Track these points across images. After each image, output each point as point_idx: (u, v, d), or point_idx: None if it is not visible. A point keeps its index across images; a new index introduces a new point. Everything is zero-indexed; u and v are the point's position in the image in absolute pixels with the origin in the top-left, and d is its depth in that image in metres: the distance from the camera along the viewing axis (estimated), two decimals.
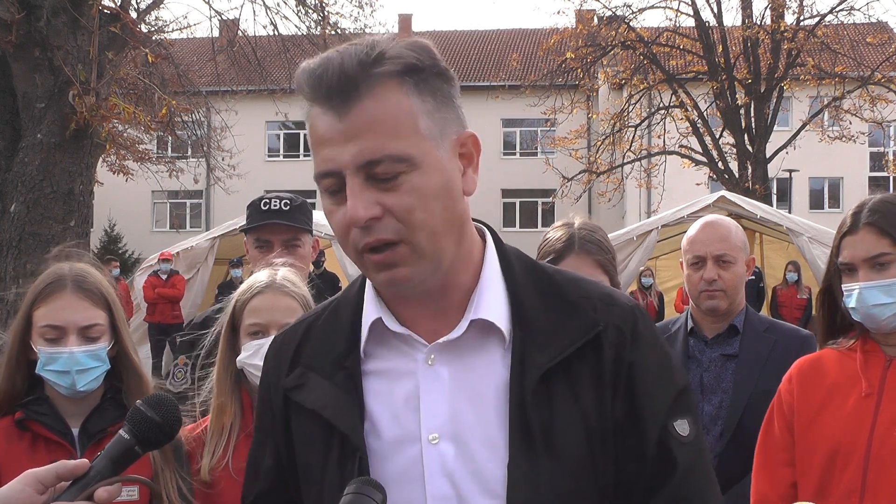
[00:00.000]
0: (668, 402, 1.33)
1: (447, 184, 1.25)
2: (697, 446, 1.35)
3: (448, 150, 1.26)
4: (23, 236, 6.68)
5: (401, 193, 1.21)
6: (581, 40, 20.27)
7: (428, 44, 1.27)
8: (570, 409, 1.28)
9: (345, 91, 1.20)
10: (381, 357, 1.35)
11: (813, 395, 2.22)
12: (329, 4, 12.45)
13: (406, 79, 1.22)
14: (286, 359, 1.41)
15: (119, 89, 11.20)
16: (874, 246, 2.09)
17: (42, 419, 2.05)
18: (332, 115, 1.21)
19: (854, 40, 19.98)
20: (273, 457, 1.44)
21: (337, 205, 1.24)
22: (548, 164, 20.95)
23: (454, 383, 1.30)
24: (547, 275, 1.38)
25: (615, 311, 1.34)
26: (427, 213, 1.22)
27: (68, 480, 1.26)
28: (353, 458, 1.28)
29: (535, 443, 1.25)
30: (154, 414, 1.32)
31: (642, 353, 1.33)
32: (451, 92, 1.28)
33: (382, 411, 1.32)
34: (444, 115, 1.26)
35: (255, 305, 2.30)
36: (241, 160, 21.34)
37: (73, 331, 2.04)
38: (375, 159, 1.20)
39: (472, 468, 1.27)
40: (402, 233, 1.22)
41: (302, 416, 1.37)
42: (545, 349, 1.29)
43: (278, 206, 3.09)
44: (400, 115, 1.21)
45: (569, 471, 1.27)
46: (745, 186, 18.81)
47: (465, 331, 1.30)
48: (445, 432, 1.28)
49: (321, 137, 1.23)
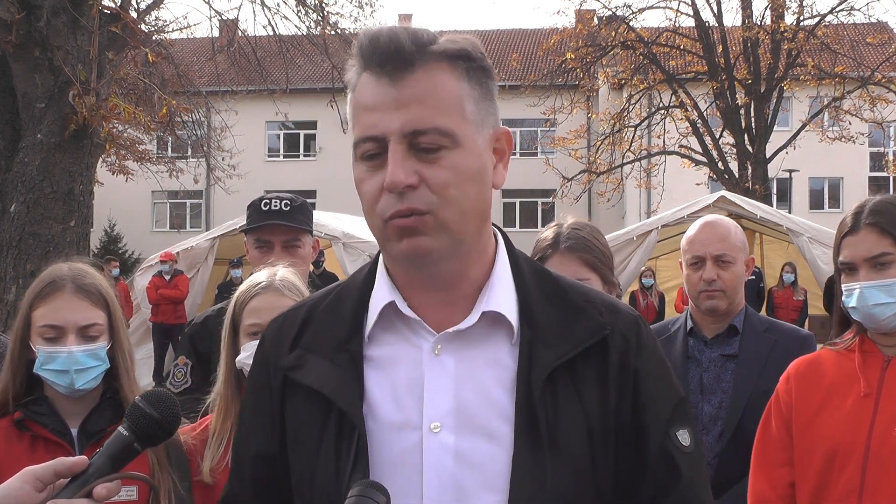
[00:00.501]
0: (669, 411, 1.37)
1: (482, 169, 1.29)
2: (697, 457, 1.40)
3: (485, 141, 1.30)
4: (23, 236, 6.69)
5: (440, 167, 1.24)
6: (581, 40, 20.26)
7: (477, 41, 1.32)
8: (573, 408, 1.30)
9: (400, 61, 1.23)
10: (384, 342, 1.35)
11: (811, 395, 2.22)
12: (329, 4, 12.44)
13: (458, 63, 1.27)
14: (287, 340, 1.40)
15: (119, 89, 11.20)
16: (875, 246, 2.10)
17: (41, 419, 2.05)
18: (384, 83, 1.24)
19: (854, 40, 19.96)
20: (264, 441, 1.41)
21: (371, 170, 1.26)
22: (548, 165, 20.94)
23: (459, 374, 1.30)
24: (553, 280, 1.41)
25: (620, 318, 1.37)
26: (460, 191, 1.25)
27: (67, 478, 1.25)
28: (350, 438, 1.28)
29: (542, 439, 1.26)
30: (153, 410, 1.31)
31: (646, 362, 1.36)
32: (492, 89, 1.33)
33: (383, 395, 1.32)
34: (485, 107, 1.30)
35: (255, 306, 2.30)
36: (241, 160, 21.35)
37: (72, 330, 2.05)
38: (422, 129, 1.23)
39: (474, 460, 1.28)
40: (433, 204, 1.24)
41: (299, 396, 1.36)
42: (553, 347, 1.30)
43: (278, 206, 3.09)
44: (449, 95, 1.25)
45: (571, 469, 1.28)
46: (745, 186, 18.80)
47: (475, 322, 1.31)
48: (448, 422, 1.29)
49: (369, 103, 1.26)
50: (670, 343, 2.90)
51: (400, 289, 1.35)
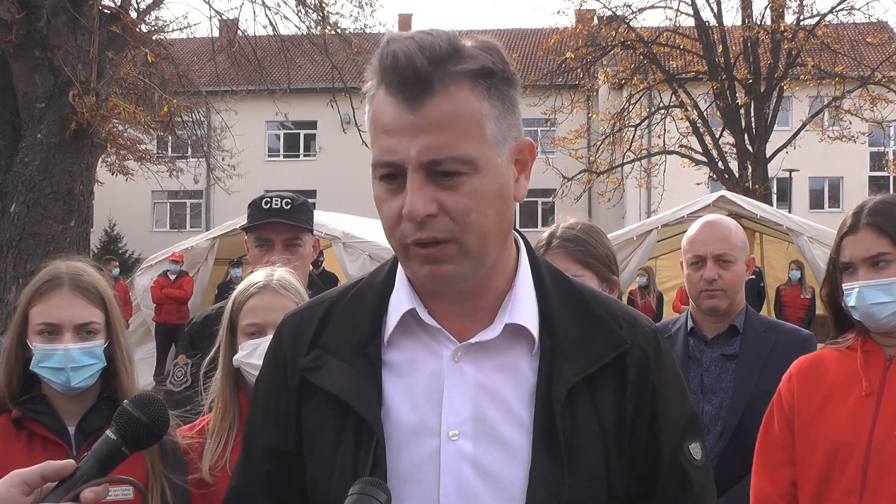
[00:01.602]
0: (683, 425, 1.38)
1: (502, 189, 1.27)
2: (707, 469, 1.42)
3: (507, 156, 1.27)
4: (23, 236, 6.68)
5: (459, 194, 1.22)
6: (581, 40, 20.25)
7: (499, 46, 1.28)
8: (591, 421, 1.30)
9: (419, 84, 1.19)
10: (404, 348, 1.34)
11: (813, 395, 2.22)
12: (329, 4, 12.44)
13: (480, 81, 1.22)
14: (305, 339, 1.39)
15: (119, 89, 11.19)
16: (874, 246, 2.10)
17: (39, 418, 2.05)
18: (403, 106, 1.20)
19: (854, 40, 19.95)
20: (279, 438, 1.39)
21: (390, 193, 1.24)
22: (548, 164, 20.91)
23: (478, 383, 1.30)
24: (575, 288, 1.40)
25: (639, 332, 1.38)
26: (481, 216, 1.23)
27: (54, 481, 1.24)
28: (368, 444, 1.27)
29: (560, 451, 1.26)
30: (141, 414, 1.31)
31: (664, 376, 1.37)
32: (515, 98, 1.29)
33: (402, 401, 1.31)
34: (508, 121, 1.27)
35: (253, 306, 2.31)
36: (241, 160, 21.35)
37: (68, 328, 2.05)
38: (440, 159, 1.20)
39: (491, 469, 1.27)
40: (454, 232, 1.22)
41: (316, 399, 1.34)
42: (573, 360, 1.30)
43: (279, 205, 3.09)
44: (469, 118, 1.21)
45: (587, 482, 1.28)
46: (745, 186, 18.80)
47: (497, 334, 1.31)
48: (466, 430, 1.28)
49: (386, 126, 1.22)
50: (671, 343, 2.90)
51: (420, 295, 1.34)
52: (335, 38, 12.55)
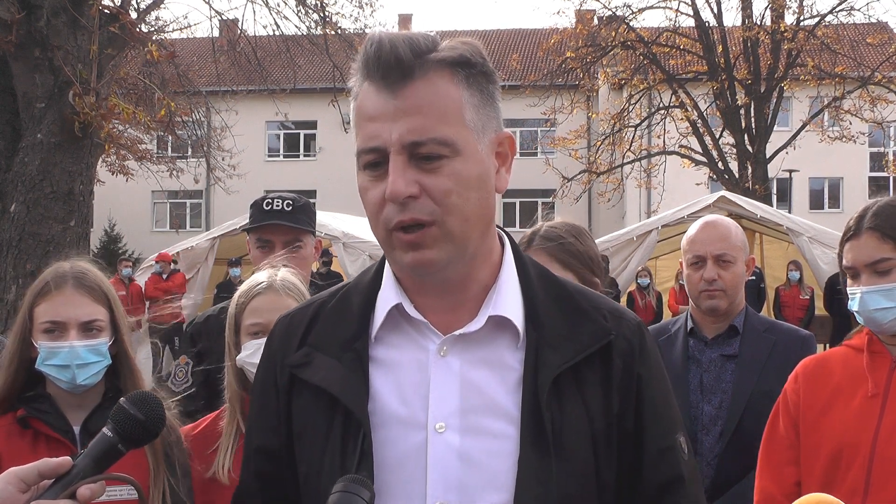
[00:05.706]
0: (670, 418, 1.40)
1: (483, 176, 1.30)
2: (693, 461, 1.44)
3: (487, 146, 1.31)
4: (23, 236, 6.68)
5: (440, 176, 1.25)
6: (581, 40, 20.26)
7: (478, 44, 1.32)
8: (578, 411, 1.31)
9: (399, 71, 1.24)
10: (391, 343, 1.36)
11: (819, 395, 2.22)
12: (329, 4, 12.44)
13: (458, 70, 1.28)
14: (295, 338, 1.42)
15: (119, 89, 11.19)
16: (876, 250, 2.10)
17: (44, 417, 2.05)
18: (384, 93, 1.25)
19: (854, 40, 19.96)
20: (269, 436, 1.43)
21: (374, 180, 1.27)
22: (548, 165, 20.91)
23: (464, 376, 1.32)
24: (559, 283, 1.43)
25: (624, 324, 1.39)
26: (462, 198, 1.26)
27: (51, 479, 1.24)
28: (355, 437, 1.29)
29: (547, 440, 1.27)
30: (137, 412, 1.31)
31: (649, 368, 1.39)
32: (494, 93, 1.33)
33: (389, 395, 1.33)
34: (486, 112, 1.31)
35: (256, 306, 2.32)
36: (241, 160, 21.33)
37: (73, 325, 2.05)
38: (421, 140, 1.24)
39: (478, 460, 1.29)
40: (435, 214, 1.25)
41: (305, 394, 1.37)
42: (559, 351, 1.32)
43: (280, 206, 3.09)
44: (448, 103, 1.26)
45: (575, 471, 1.29)
46: (745, 186, 18.80)
47: (481, 326, 1.33)
48: (453, 422, 1.30)
49: (370, 113, 1.26)
50: (671, 343, 2.90)
51: (406, 291, 1.36)
52: (335, 38, 12.53)
